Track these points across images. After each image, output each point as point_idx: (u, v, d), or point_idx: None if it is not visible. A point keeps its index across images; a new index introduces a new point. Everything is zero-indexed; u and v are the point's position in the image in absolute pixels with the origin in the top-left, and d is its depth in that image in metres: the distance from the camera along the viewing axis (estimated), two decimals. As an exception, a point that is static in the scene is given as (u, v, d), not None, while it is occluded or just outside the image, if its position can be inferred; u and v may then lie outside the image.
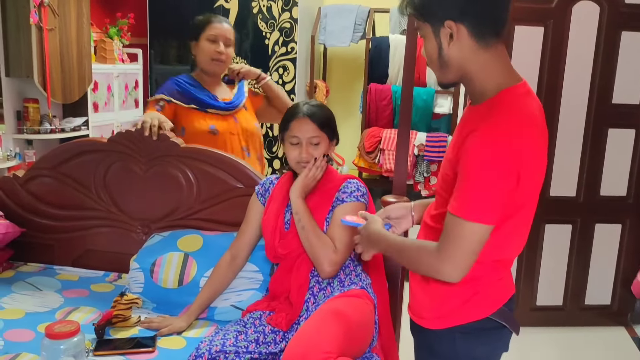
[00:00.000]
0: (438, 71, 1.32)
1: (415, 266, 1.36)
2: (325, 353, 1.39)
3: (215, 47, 2.28)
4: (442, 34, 1.25)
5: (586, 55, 2.93)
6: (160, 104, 2.25)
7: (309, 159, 1.76)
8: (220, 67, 2.34)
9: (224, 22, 2.33)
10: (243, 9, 4.00)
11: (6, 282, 2.08)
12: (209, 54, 2.29)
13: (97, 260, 2.26)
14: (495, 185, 1.19)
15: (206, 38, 2.29)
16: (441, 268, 1.24)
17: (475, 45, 1.25)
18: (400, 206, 1.60)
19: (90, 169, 2.22)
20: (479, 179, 1.19)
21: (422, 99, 3.78)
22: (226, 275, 1.87)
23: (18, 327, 1.77)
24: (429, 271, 1.29)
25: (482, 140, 1.18)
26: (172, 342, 1.71)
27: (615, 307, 3.24)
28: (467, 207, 1.20)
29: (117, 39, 4.38)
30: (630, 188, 3.09)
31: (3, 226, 2.12)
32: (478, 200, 1.19)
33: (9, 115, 3.47)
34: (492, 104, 1.24)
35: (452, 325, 1.35)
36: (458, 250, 1.22)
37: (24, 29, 3.33)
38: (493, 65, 1.27)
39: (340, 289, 1.68)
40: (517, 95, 1.25)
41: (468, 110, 1.36)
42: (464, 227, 1.21)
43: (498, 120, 1.20)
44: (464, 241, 1.21)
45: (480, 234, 1.21)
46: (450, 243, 1.23)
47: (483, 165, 1.18)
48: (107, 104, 4.20)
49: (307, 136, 1.75)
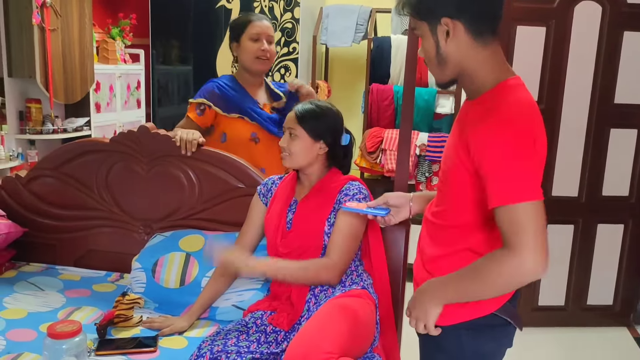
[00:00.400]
0: (436, 69, 1.33)
1: (494, 278, 1.23)
2: (326, 353, 1.39)
3: (258, 45, 2.24)
4: (439, 32, 1.27)
5: (588, 55, 2.92)
6: (201, 107, 2.24)
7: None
8: (265, 65, 2.30)
9: (264, 20, 2.30)
10: (245, 9, 4.00)
11: (8, 282, 2.09)
12: (252, 53, 2.25)
13: (99, 260, 2.27)
14: (528, 161, 1.18)
15: (248, 37, 2.25)
16: (523, 263, 1.16)
17: (472, 42, 1.26)
18: (400, 195, 1.61)
19: (92, 169, 2.23)
20: (511, 161, 1.17)
21: (424, 99, 3.78)
22: (228, 275, 1.87)
23: (20, 327, 1.77)
24: (515, 275, 1.20)
25: (500, 126, 1.19)
26: (174, 342, 1.71)
27: (618, 308, 3.23)
28: (514, 191, 1.17)
29: (119, 39, 4.39)
30: (632, 188, 3.09)
31: (5, 226, 2.13)
32: (520, 181, 1.17)
33: (12, 115, 3.48)
34: (493, 94, 1.26)
35: (457, 322, 1.35)
36: (528, 237, 1.16)
37: (27, 30, 3.34)
38: (491, 62, 1.28)
39: (342, 289, 1.68)
40: (517, 85, 1.28)
41: (466, 105, 1.36)
42: (519, 211, 1.16)
43: (508, 106, 1.21)
44: (528, 225, 1.16)
45: (538, 210, 1.17)
46: (518, 234, 1.17)
47: (510, 147, 1.17)
48: (110, 104, 4.20)
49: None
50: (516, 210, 1.16)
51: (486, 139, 1.20)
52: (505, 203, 1.17)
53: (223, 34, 4.04)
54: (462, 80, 1.33)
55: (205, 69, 4.10)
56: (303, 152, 1.77)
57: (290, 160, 1.79)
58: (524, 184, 1.17)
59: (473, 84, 1.30)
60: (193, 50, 4.15)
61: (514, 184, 1.17)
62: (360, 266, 1.80)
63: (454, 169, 1.32)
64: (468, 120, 1.28)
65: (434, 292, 1.31)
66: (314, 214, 1.76)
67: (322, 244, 1.74)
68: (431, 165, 3.79)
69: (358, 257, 1.81)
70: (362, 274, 1.76)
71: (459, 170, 1.29)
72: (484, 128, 1.20)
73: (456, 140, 1.31)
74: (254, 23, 2.26)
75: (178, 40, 4.22)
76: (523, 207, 1.16)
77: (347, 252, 1.72)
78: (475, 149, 1.22)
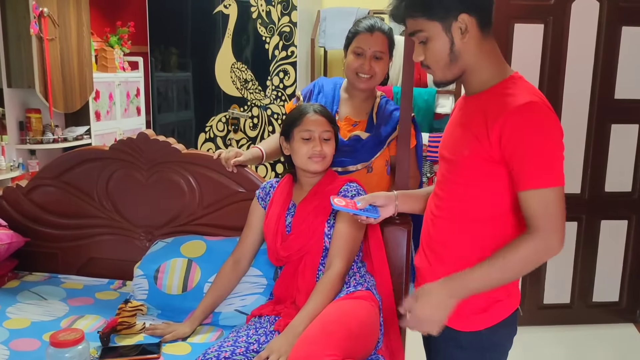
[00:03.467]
0: (445, 68, 1.34)
1: (521, 265, 1.28)
2: (330, 355, 1.38)
3: (361, 61, 1.98)
4: (454, 29, 1.28)
5: (587, 51, 2.92)
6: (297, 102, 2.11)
7: (322, 154, 1.75)
8: (367, 84, 2.01)
9: (380, 32, 1.99)
10: (242, 14, 4.00)
11: (11, 292, 2.08)
12: (352, 68, 2.00)
13: (102, 268, 2.26)
14: (554, 148, 1.24)
15: (352, 50, 2.00)
16: (550, 245, 1.25)
17: (480, 37, 1.30)
18: (385, 195, 1.62)
19: (92, 177, 2.23)
20: (540, 147, 1.23)
21: (424, 99, 3.77)
22: (230, 280, 1.87)
23: (24, 336, 1.76)
24: (543, 255, 1.28)
25: (528, 114, 1.24)
26: (178, 348, 1.71)
27: (624, 304, 3.22)
28: (543, 177, 1.24)
29: (118, 47, 4.40)
30: (635, 183, 3.08)
31: (7, 236, 2.13)
32: (548, 167, 1.24)
33: (12, 125, 3.49)
34: (509, 84, 1.30)
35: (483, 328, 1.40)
36: (557, 220, 1.24)
37: (25, 40, 3.35)
38: (494, 55, 1.33)
39: (345, 291, 1.67)
40: (523, 78, 1.33)
41: (465, 100, 1.38)
42: (549, 196, 1.24)
43: (530, 94, 1.26)
44: (557, 208, 1.24)
45: (562, 195, 1.26)
46: (548, 217, 1.24)
47: (540, 134, 1.23)
48: (109, 112, 4.21)
49: (320, 130, 1.76)
50: (548, 194, 1.23)
51: (523, 126, 1.23)
52: (541, 186, 1.23)
53: (221, 40, 4.04)
54: (467, 76, 1.35)
55: (204, 75, 4.10)
56: (332, 154, 1.80)
57: (324, 164, 1.79)
58: (556, 169, 1.24)
59: (479, 78, 1.33)
60: (192, 56, 4.15)
61: (549, 169, 1.24)
62: (363, 267, 1.79)
63: (465, 159, 1.33)
64: (490, 110, 1.28)
65: (452, 289, 1.30)
66: (314, 216, 1.75)
67: (323, 246, 1.74)
68: (432, 166, 3.78)
69: (360, 258, 1.80)
70: (365, 275, 1.76)
71: (476, 159, 1.31)
72: (517, 113, 1.24)
73: (474, 131, 1.31)
74: (361, 36, 1.99)
75: (176, 47, 4.22)
76: (555, 191, 1.24)
77: (351, 256, 1.72)
78: (510, 135, 1.24)
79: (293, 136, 1.78)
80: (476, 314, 1.39)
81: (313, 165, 1.76)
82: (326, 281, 1.65)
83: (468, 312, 1.39)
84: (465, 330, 1.41)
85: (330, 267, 1.68)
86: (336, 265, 1.67)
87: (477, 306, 1.38)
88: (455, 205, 1.39)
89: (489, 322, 1.39)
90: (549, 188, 1.23)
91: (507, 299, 1.40)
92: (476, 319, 1.39)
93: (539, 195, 1.24)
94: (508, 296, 1.40)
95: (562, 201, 1.25)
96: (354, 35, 2.01)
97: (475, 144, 1.30)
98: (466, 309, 1.38)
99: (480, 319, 1.39)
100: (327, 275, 1.66)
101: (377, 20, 2.02)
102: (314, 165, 1.76)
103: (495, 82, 1.31)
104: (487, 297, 1.37)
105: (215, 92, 4.08)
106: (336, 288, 1.66)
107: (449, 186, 1.40)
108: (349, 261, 1.72)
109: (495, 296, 1.38)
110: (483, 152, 1.29)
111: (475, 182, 1.33)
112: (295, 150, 1.77)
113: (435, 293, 1.31)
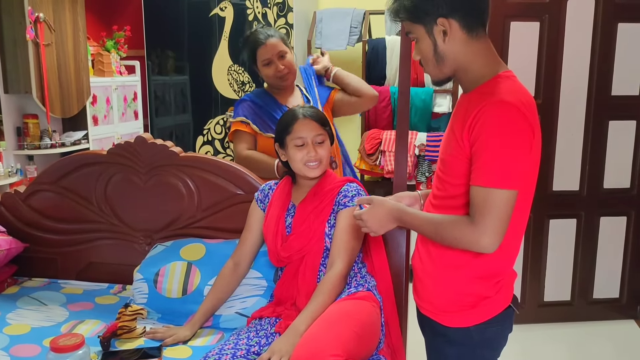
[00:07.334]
0: (434, 68, 1.39)
1: (450, 240, 1.34)
2: (332, 356, 1.38)
3: (274, 68, 2.21)
4: (435, 32, 1.33)
5: (583, 48, 2.92)
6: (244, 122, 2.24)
7: (317, 158, 1.75)
8: (289, 79, 2.27)
9: (270, 38, 2.20)
10: (238, 16, 4.01)
11: (11, 298, 2.08)
12: (271, 77, 2.24)
13: (101, 272, 2.26)
14: (514, 151, 1.24)
15: (262, 64, 2.23)
16: (480, 240, 1.27)
17: (467, 38, 1.33)
18: (409, 195, 1.65)
19: (90, 182, 2.22)
20: (497, 147, 1.24)
21: (421, 98, 3.78)
22: (229, 282, 1.87)
23: (24, 342, 1.76)
24: (468, 243, 1.30)
25: (495, 111, 1.25)
26: (178, 351, 1.70)
27: (624, 300, 3.22)
28: (491, 176, 1.25)
29: (114, 51, 4.40)
30: (633, 179, 3.08)
31: (6, 242, 2.12)
32: (500, 168, 1.24)
33: (9, 131, 3.48)
34: (493, 83, 1.31)
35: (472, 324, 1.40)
36: (492, 220, 1.25)
37: (21, 45, 3.35)
38: (484, 54, 1.35)
39: (347, 292, 1.67)
40: (513, 76, 1.34)
41: (462, 98, 1.41)
42: (493, 195, 1.25)
43: (507, 93, 1.27)
44: (496, 210, 1.25)
45: (509, 199, 1.25)
46: (484, 215, 1.26)
47: (500, 134, 1.24)
48: (107, 116, 4.20)
49: (312, 135, 1.75)
50: (493, 193, 1.25)
51: (483, 121, 1.25)
52: (487, 185, 1.25)
53: (218, 42, 4.04)
54: (459, 75, 1.38)
55: (201, 78, 4.10)
56: (328, 156, 1.79)
57: (322, 168, 1.79)
58: (509, 171, 1.24)
59: (470, 77, 1.36)
60: (188, 59, 4.16)
61: (500, 170, 1.24)
62: (364, 268, 1.79)
63: (452, 158, 1.36)
64: (469, 108, 1.31)
65: (397, 219, 1.45)
66: (314, 217, 1.76)
67: (324, 246, 1.74)
68: (431, 165, 3.78)
69: (360, 259, 1.80)
70: (365, 276, 1.75)
71: (457, 159, 1.34)
72: (484, 110, 1.25)
73: (455, 129, 1.35)
74: (260, 50, 2.21)
75: (173, 50, 4.22)
76: (500, 193, 1.24)
77: (352, 256, 1.72)
78: (476, 130, 1.27)
79: (286, 144, 1.79)
80: (464, 310, 1.40)
81: (310, 171, 1.76)
82: (328, 282, 1.65)
83: (456, 308, 1.41)
84: (454, 327, 1.42)
85: (331, 267, 1.68)
86: (338, 266, 1.67)
87: (465, 303, 1.40)
88: (448, 203, 1.41)
89: (478, 319, 1.40)
90: (495, 189, 1.24)
91: (496, 296, 1.40)
92: (465, 315, 1.40)
93: (484, 192, 1.26)
94: (497, 293, 1.40)
95: (507, 205, 1.25)
96: (254, 51, 2.21)
97: (455, 143, 1.34)
98: (454, 305, 1.40)
99: (468, 315, 1.40)
100: (328, 276, 1.66)
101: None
102: (311, 172, 1.77)
103: (484, 80, 1.34)
104: (475, 294, 1.39)
105: (212, 94, 4.09)
106: (338, 288, 1.66)
107: (443, 185, 1.42)
108: (350, 261, 1.72)
109: (483, 293, 1.39)
110: (461, 151, 1.32)
111: (462, 180, 1.35)
112: (291, 157, 1.79)
113: (385, 213, 1.46)
